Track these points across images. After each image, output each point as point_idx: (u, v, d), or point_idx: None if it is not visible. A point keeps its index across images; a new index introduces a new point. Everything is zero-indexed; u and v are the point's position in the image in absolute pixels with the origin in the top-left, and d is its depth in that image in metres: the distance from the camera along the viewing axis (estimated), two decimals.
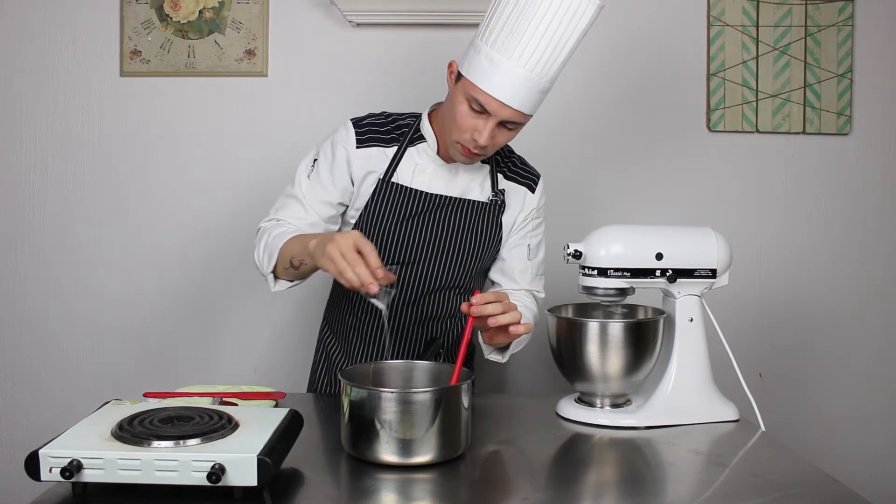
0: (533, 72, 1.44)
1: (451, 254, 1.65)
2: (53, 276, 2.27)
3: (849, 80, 2.26)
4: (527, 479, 1.22)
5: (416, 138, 1.64)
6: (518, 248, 1.72)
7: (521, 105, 1.46)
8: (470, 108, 1.49)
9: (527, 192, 1.71)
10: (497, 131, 1.50)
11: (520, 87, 1.45)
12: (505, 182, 1.70)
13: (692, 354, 1.49)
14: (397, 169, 1.62)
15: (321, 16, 2.22)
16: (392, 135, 1.64)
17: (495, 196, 1.67)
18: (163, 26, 2.21)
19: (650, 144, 2.28)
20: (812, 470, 1.24)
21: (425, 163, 1.63)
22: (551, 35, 1.43)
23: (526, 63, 1.44)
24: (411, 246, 1.63)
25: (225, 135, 2.25)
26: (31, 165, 2.25)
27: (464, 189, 1.65)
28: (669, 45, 2.26)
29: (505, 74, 1.44)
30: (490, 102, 1.46)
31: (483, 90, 1.45)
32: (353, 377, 1.30)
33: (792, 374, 2.33)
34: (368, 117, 1.66)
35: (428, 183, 1.63)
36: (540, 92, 1.48)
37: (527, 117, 1.51)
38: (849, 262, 2.32)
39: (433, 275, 1.65)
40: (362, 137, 1.62)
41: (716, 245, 1.50)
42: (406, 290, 1.65)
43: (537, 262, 1.76)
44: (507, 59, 1.44)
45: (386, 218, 1.61)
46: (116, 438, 1.08)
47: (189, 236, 2.26)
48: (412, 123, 1.66)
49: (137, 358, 2.28)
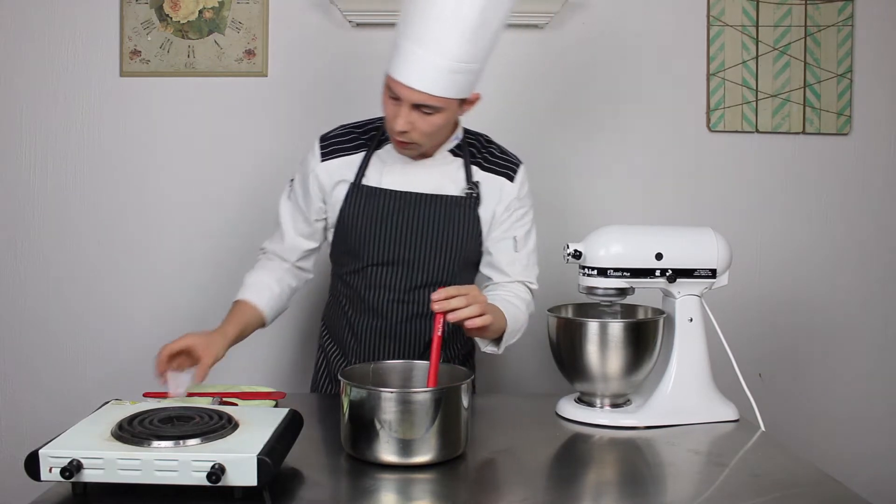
0: (432, 52, 1.45)
1: (430, 250, 1.65)
2: (53, 276, 2.26)
3: (848, 80, 2.26)
4: (527, 479, 1.22)
5: (383, 140, 1.66)
6: (504, 241, 1.70)
7: (425, 87, 1.47)
8: (389, 97, 1.53)
9: (504, 182, 1.69)
10: (415, 117, 1.51)
11: (423, 68, 1.46)
12: (480, 174, 1.68)
13: (692, 354, 1.49)
14: (366, 172, 1.65)
15: (321, 16, 2.22)
16: (359, 141, 1.67)
17: (469, 189, 1.66)
18: (163, 26, 2.21)
19: (650, 144, 2.28)
20: (812, 470, 1.24)
21: (394, 162, 1.65)
22: (454, 15, 1.43)
23: (425, 43, 1.45)
24: (390, 246, 1.64)
25: (225, 135, 2.25)
26: (31, 165, 2.25)
27: (436, 185, 1.65)
28: (669, 45, 2.26)
29: (408, 57, 1.46)
30: (398, 88, 1.48)
31: (390, 75, 1.49)
32: (353, 377, 1.30)
33: (792, 374, 2.33)
34: (334, 131, 1.71)
35: (398, 182, 1.64)
36: (448, 72, 1.47)
37: (443, 100, 1.50)
38: (848, 261, 2.32)
39: (415, 272, 1.65)
40: (326, 151, 1.67)
41: (716, 245, 1.51)
42: (390, 290, 1.66)
43: (527, 253, 1.73)
44: (416, 46, 1.46)
45: (361, 221, 1.63)
46: (116, 438, 1.08)
47: (189, 236, 2.26)
48: (379, 126, 1.68)
49: (137, 358, 2.27)
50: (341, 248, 1.68)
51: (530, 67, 2.25)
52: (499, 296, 1.67)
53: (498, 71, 2.24)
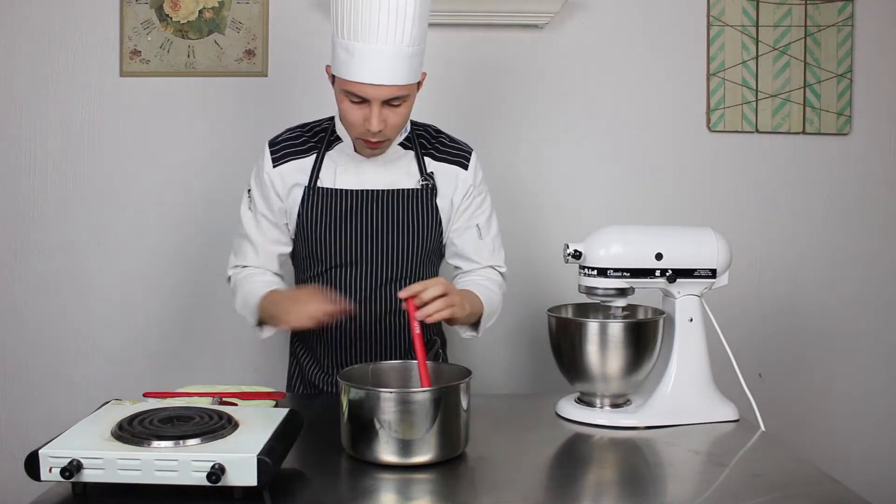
0: (386, 44, 1.45)
1: (391, 247, 1.64)
2: (53, 276, 2.26)
3: (848, 80, 2.26)
4: (527, 479, 1.22)
5: (333, 140, 1.66)
6: (468, 230, 1.70)
7: (391, 80, 1.47)
8: (351, 103, 1.51)
9: (459, 170, 1.69)
10: (386, 113, 1.51)
11: (381, 62, 1.45)
12: (434, 164, 1.68)
13: (692, 354, 1.49)
14: (320, 174, 1.64)
15: (321, 16, 2.22)
16: (308, 144, 1.66)
17: (424, 180, 1.66)
18: (163, 26, 2.21)
19: (650, 144, 2.28)
20: (812, 470, 1.24)
21: (346, 162, 1.64)
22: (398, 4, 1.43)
23: (376, 38, 1.44)
24: (350, 246, 1.63)
25: (225, 135, 2.25)
26: (31, 165, 2.25)
27: (391, 180, 1.65)
28: (669, 45, 2.26)
29: (364, 57, 1.45)
30: (363, 89, 1.47)
31: (351, 80, 1.47)
32: (352, 378, 1.30)
33: (792, 374, 2.33)
34: (283, 134, 1.70)
35: (353, 181, 1.63)
36: (403, 58, 1.47)
37: (408, 87, 1.51)
38: (849, 261, 2.32)
39: (379, 270, 1.65)
40: (277, 156, 1.66)
41: (716, 245, 1.50)
42: (357, 290, 1.64)
43: (491, 238, 1.73)
44: (359, 42, 1.45)
45: (319, 224, 1.62)
46: (116, 438, 1.08)
47: (188, 236, 2.26)
48: (328, 127, 1.68)
49: (137, 358, 2.28)
50: (302, 251, 1.68)
51: (530, 67, 2.25)
52: (472, 280, 1.69)
53: (497, 71, 2.24)
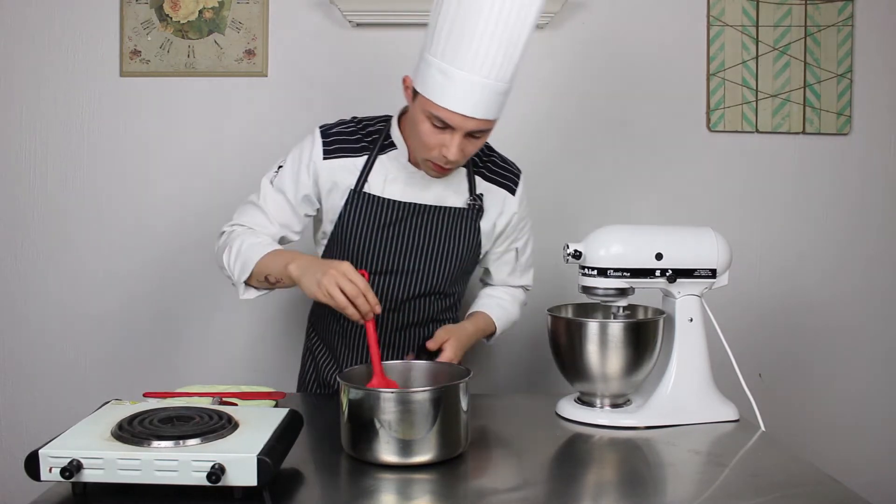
0: (489, 77, 1.38)
1: (428, 261, 1.62)
2: (53, 276, 2.26)
3: (848, 80, 2.26)
4: (527, 479, 1.22)
5: (387, 145, 1.60)
6: (506, 253, 1.72)
7: (483, 114, 1.41)
8: (433, 126, 1.44)
9: (507, 195, 1.67)
10: (465, 143, 1.46)
11: (478, 95, 1.38)
12: (484, 184, 1.66)
13: (692, 354, 1.49)
14: (368, 178, 1.58)
15: (321, 16, 2.22)
16: (362, 143, 1.60)
17: (473, 201, 1.63)
18: (163, 26, 2.21)
19: (650, 144, 2.28)
20: (812, 470, 1.24)
21: (397, 171, 1.59)
22: (501, 35, 1.36)
23: (479, 69, 1.37)
24: (388, 255, 1.61)
25: (225, 135, 2.25)
26: (31, 165, 2.25)
27: (439, 195, 1.61)
28: (669, 45, 2.26)
29: (460, 85, 1.38)
30: (452, 118, 1.40)
31: (442, 106, 1.40)
32: (352, 378, 1.30)
33: (792, 374, 2.33)
34: (337, 125, 1.62)
35: (401, 192, 1.59)
36: (499, 94, 1.42)
37: (492, 123, 1.46)
38: (849, 261, 2.32)
39: (412, 283, 1.63)
40: (329, 148, 1.58)
41: (716, 245, 1.50)
42: (386, 300, 1.63)
43: (525, 258, 1.77)
44: (460, 70, 1.37)
45: (360, 229, 1.59)
46: (116, 438, 1.08)
47: (189, 236, 2.26)
48: (382, 129, 1.62)
49: (137, 358, 2.28)
50: (338, 253, 1.64)
51: (530, 67, 2.24)
52: (493, 298, 1.74)
53: None
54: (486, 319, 1.70)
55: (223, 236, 1.60)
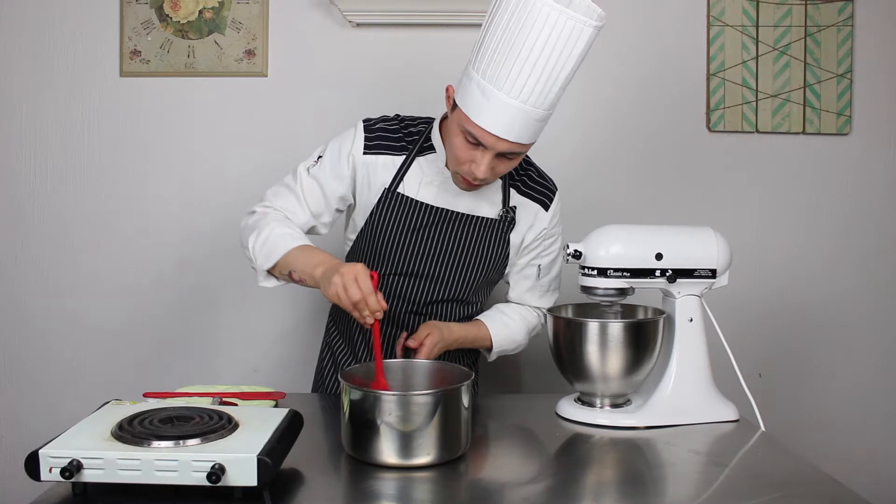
0: (527, 103, 1.37)
1: (455, 268, 1.62)
2: (53, 276, 2.26)
3: (848, 80, 2.26)
4: (527, 479, 1.22)
5: (426, 147, 1.60)
6: (528, 267, 1.70)
7: (517, 137, 1.40)
8: (466, 141, 1.44)
9: (539, 209, 1.66)
10: (496, 162, 1.45)
11: (514, 119, 1.37)
12: (518, 197, 1.65)
13: (692, 354, 1.49)
14: (404, 179, 1.58)
15: (321, 16, 2.22)
16: (402, 142, 1.59)
17: (505, 213, 1.63)
18: (163, 26, 2.21)
19: (650, 144, 2.28)
20: (812, 470, 1.24)
21: (433, 174, 1.59)
22: (544, 63, 1.34)
23: (519, 94, 1.36)
24: (415, 258, 1.60)
25: (225, 135, 2.25)
26: (31, 165, 2.25)
27: (472, 204, 1.61)
28: (669, 45, 2.26)
29: (498, 107, 1.37)
30: (485, 137, 1.40)
31: (477, 124, 1.39)
32: (354, 377, 1.30)
33: (792, 374, 2.33)
34: (381, 121, 1.61)
35: (434, 196, 1.59)
36: (537, 121, 1.40)
37: (526, 147, 1.45)
38: (849, 261, 2.32)
39: (436, 288, 1.63)
40: (371, 144, 1.58)
41: (716, 245, 1.50)
42: (408, 301, 1.63)
43: (549, 279, 1.72)
44: (499, 91, 1.36)
45: (390, 229, 1.58)
46: (116, 438, 1.08)
47: (189, 236, 2.26)
48: (423, 131, 1.61)
49: (137, 358, 2.28)
50: (365, 251, 1.63)
51: None
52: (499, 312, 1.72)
53: None
54: (482, 330, 1.68)
55: (254, 216, 1.56)
